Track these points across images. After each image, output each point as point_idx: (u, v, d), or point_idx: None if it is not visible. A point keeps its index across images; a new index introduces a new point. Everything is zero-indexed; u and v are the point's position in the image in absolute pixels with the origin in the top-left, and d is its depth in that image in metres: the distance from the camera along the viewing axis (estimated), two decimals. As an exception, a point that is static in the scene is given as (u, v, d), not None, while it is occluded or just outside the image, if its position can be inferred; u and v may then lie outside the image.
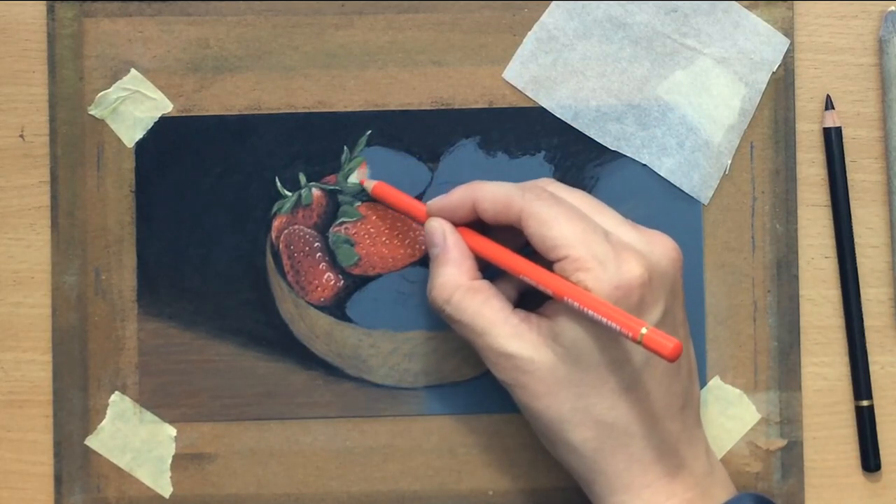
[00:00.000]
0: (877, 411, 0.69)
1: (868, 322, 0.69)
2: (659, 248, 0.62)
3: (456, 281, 0.63)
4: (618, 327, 0.58)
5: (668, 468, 0.62)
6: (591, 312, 0.59)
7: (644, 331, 0.57)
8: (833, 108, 0.69)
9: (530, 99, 0.69)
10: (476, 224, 0.65)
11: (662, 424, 0.62)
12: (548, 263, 0.62)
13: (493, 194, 0.63)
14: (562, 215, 0.61)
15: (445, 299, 0.63)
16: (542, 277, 0.61)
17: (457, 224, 0.65)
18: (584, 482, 0.63)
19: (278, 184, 0.69)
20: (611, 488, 0.62)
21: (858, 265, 0.69)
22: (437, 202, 0.65)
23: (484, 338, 0.62)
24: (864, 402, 0.69)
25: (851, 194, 0.69)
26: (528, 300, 0.65)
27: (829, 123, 0.69)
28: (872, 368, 0.69)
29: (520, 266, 0.62)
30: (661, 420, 0.62)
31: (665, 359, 0.57)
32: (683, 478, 0.62)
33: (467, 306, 0.62)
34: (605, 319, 0.58)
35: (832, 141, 0.69)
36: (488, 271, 0.65)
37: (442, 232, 0.64)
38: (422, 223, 0.66)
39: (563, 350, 0.60)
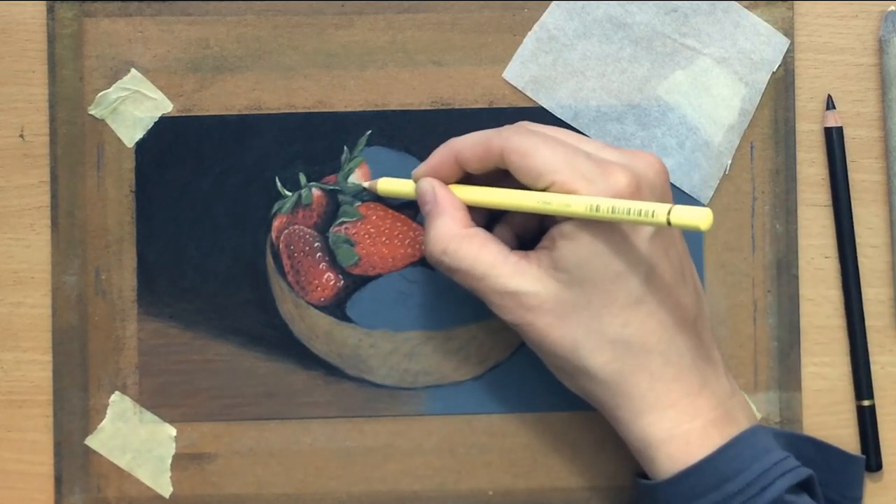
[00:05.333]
0: (877, 411, 0.69)
1: (868, 322, 0.69)
2: (642, 161, 0.62)
3: (450, 231, 0.63)
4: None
5: (690, 386, 0.61)
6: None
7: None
8: (834, 107, 0.69)
9: (530, 99, 0.69)
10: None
11: (677, 338, 0.61)
12: None
13: (471, 141, 0.63)
14: (541, 143, 0.61)
15: (442, 250, 0.62)
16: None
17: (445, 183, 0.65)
18: (608, 409, 0.62)
19: (278, 184, 0.69)
20: (635, 411, 0.61)
21: (859, 265, 0.69)
22: (420, 167, 0.66)
23: (485, 281, 0.62)
24: (866, 402, 0.69)
25: (851, 194, 0.69)
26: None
27: (831, 123, 0.69)
28: (873, 368, 0.69)
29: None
30: (675, 333, 0.61)
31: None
32: (706, 397, 0.61)
33: (465, 253, 0.62)
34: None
35: (833, 141, 0.69)
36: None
37: (431, 188, 0.64)
38: (409, 196, 0.66)
39: (567, 275, 0.60)
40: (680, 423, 0.61)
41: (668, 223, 0.55)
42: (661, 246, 0.61)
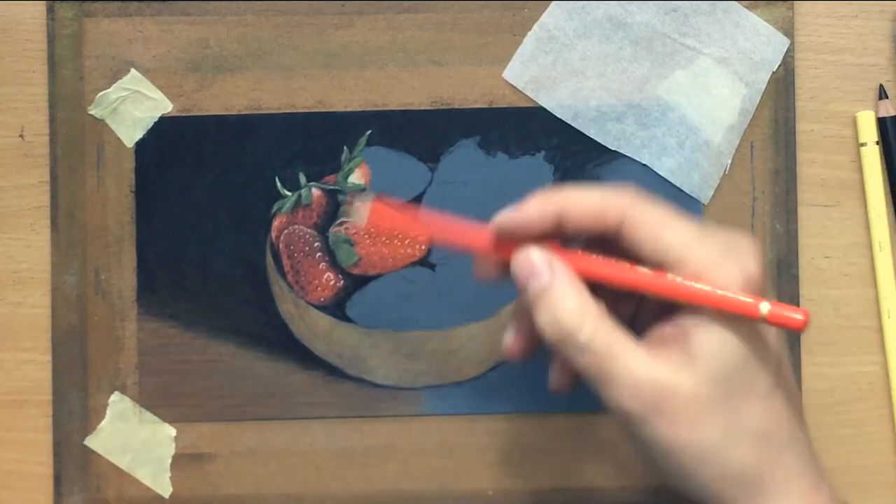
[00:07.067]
0: (876, 412, 0.69)
1: (865, 322, 0.69)
2: (752, 244, 0.57)
3: (582, 309, 0.56)
4: (744, 306, 0.55)
5: (812, 479, 0.58)
6: (716, 303, 0.55)
7: (766, 307, 0.54)
8: (887, 97, 0.69)
9: (530, 99, 0.69)
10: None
11: (800, 430, 0.58)
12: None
13: (584, 202, 0.57)
14: (671, 217, 0.56)
15: (576, 330, 0.56)
16: (663, 283, 0.56)
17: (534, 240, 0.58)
18: (724, 500, 0.57)
19: (278, 184, 0.69)
20: None
21: (859, 265, 0.69)
22: (510, 220, 0.57)
23: (620, 365, 0.55)
24: None
25: (850, 194, 0.69)
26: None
27: (884, 113, 0.69)
28: (872, 369, 0.69)
29: (632, 276, 0.57)
30: (798, 426, 0.58)
31: (795, 330, 0.54)
32: (824, 490, 0.58)
33: (603, 333, 0.56)
34: (729, 305, 0.55)
35: (888, 130, 0.69)
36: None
37: (547, 261, 0.57)
38: (482, 251, 0.59)
39: (705, 366, 0.55)
40: None
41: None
42: (783, 336, 0.58)
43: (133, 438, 0.69)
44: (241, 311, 0.69)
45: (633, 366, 0.55)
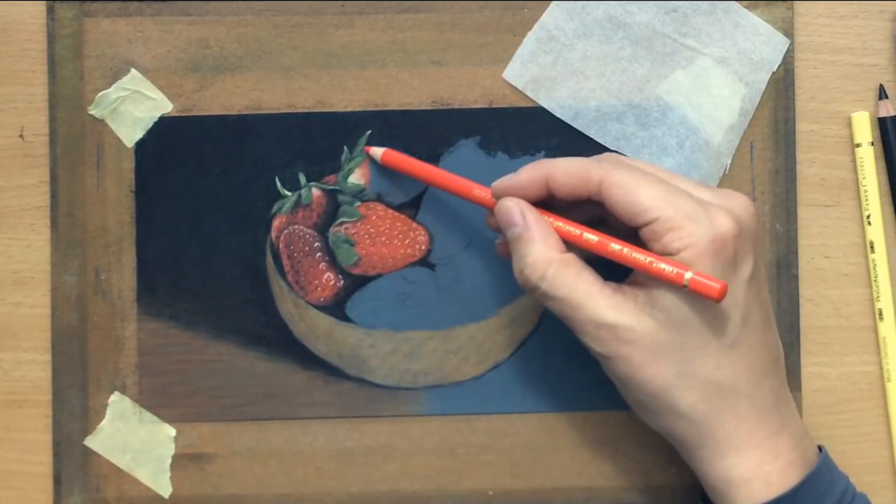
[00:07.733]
0: (875, 412, 0.69)
1: (864, 322, 0.69)
2: (738, 203, 0.61)
3: (547, 256, 0.61)
4: (665, 273, 0.59)
5: (772, 427, 0.61)
6: (647, 269, 0.59)
7: (689, 275, 0.58)
8: (886, 97, 0.69)
9: (530, 99, 0.69)
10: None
11: (763, 380, 0.61)
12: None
13: (567, 168, 0.62)
14: (644, 180, 0.60)
15: (540, 276, 0.61)
16: (605, 248, 0.61)
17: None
18: (690, 447, 0.62)
19: (278, 184, 0.69)
20: (720, 451, 0.61)
21: (858, 265, 0.69)
22: (505, 182, 0.63)
23: (582, 311, 0.61)
24: None
25: (850, 194, 0.69)
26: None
27: (884, 113, 0.69)
28: (871, 369, 0.69)
29: (580, 239, 0.62)
30: (762, 376, 0.61)
31: (711, 300, 0.58)
32: (786, 438, 0.62)
33: (562, 280, 0.61)
34: (657, 272, 0.59)
35: (888, 130, 0.69)
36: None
37: (520, 210, 0.62)
38: (484, 206, 0.65)
39: (664, 315, 0.60)
40: (762, 463, 0.61)
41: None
42: (755, 288, 0.61)
43: (133, 438, 0.69)
44: (241, 311, 0.69)
45: (592, 314, 0.60)
